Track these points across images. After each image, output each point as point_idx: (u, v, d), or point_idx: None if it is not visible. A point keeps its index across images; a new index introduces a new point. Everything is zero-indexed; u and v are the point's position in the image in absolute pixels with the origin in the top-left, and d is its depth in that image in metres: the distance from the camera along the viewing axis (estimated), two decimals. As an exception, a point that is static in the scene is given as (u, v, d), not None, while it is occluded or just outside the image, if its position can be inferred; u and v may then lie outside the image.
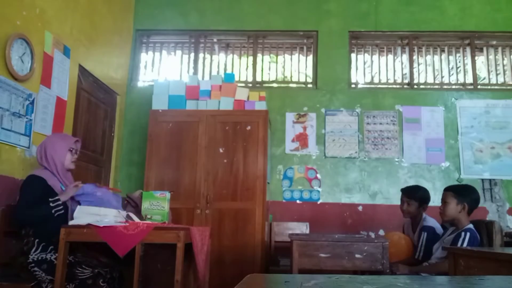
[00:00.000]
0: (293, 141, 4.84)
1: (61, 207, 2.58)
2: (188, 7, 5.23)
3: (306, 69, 5.20)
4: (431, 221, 3.16)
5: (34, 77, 3.23)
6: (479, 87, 5.00)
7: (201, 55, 5.27)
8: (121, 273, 2.66)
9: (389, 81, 5.13)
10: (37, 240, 2.53)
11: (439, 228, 3.15)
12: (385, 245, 2.67)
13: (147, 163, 4.24)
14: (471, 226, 2.73)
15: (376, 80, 5.14)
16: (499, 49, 5.11)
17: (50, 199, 2.57)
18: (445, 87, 5.03)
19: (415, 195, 3.27)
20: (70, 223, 2.51)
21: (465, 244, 2.59)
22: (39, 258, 2.50)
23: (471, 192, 2.85)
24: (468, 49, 5.11)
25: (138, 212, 2.82)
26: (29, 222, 2.56)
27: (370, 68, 5.19)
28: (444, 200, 2.83)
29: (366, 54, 5.20)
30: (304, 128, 4.85)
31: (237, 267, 3.92)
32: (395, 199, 4.67)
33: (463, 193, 2.81)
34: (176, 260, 2.37)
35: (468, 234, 2.63)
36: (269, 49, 5.29)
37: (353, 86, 5.05)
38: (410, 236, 3.31)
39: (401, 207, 3.34)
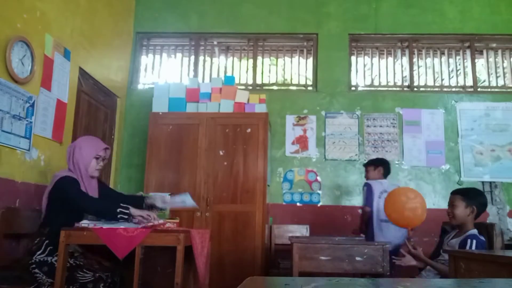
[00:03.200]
0: (293, 143, 4.84)
1: (126, 217, 2.54)
2: (188, 10, 5.24)
3: (306, 72, 5.20)
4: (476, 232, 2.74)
5: (34, 79, 3.23)
6: (479, 89, 5.01)
7: (201, 58, 5.28)
8: (122, 278, 2.65)
9: (389, 84, 5.13)
10: (46, 241, 2.53)
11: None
12: (385, 248, 2.66)
13: (147, 166, 4.24)
14: (475, 231, 2.65)
15: (376, 83, 5.14)
16: (499, 51, 5.12)
17: (121, 204, 2.56)
18: (445, 89, 5.03)
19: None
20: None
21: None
22: (42, 260, 2.50)
23: (479, 195, 2.79)
24: (468, 52, 5.11)
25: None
26: (93, 210, 2.58)
27: (370, 71, 5.19)
28: (452, 203, 2.75)
29: (366, 57, 5.21)
30: (304, 131, 4.86)
31: (237, 269, 3.92)
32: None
33: (471, 196, 2.74)
34: (176, 263, 2.36)
35: (474, 241, 2.55)
36: (269, 51, 5.29)
37: (353, 88, 5.05)
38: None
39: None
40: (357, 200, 4.70)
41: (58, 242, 2.42)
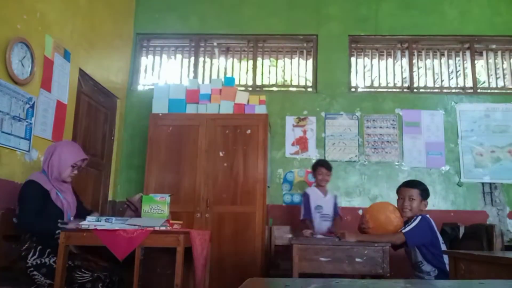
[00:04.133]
0: (293, 144, 4.84)
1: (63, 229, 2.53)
2: (188, 11, 5.24)
3: (306, 73, 5.20)
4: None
5: (34, 80, 3.24)
6: (479, 90, 5.01)
7: (201, 59, 5.28)
8: (120, 277, 2.65)
9: (389, 85, 5.13)
10: (34, 244, 2.53)
11: (436, 231, 3.11)
12: (386, 249, 2.66)
13: (147, 167, 4.24)
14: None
15: (376, 84, 5.15)
16: (499, 53, 5.12)
17: (59, 221, 2.55)
18: (445, 91, 5.03)
19: (418, 188, 3.02)
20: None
21: (413, 224, 2.81)
22: (38, 262, 2.50)
23: (428, 192, 3.07)
24: (467, 53, 5.12)
25: (137, 216, 2.81)
26: (30, 231, 2.55)
27: (370, 72, 5.19)
28: (409, 197, 2.98)
29: (366, 58, 5.21)
30: (304, 132, 4.86)
31: (237, 271, 3.91)
32: (395, 202, 4.65)
33: (427, 193, 3.04)
34: (176, 264, 2.36)
35: (420, 217, 2.87)
36: (269, 53, 5.30)
37: (353, 89, 5.05)
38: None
39: (403, 204, 2.99)
40: (357, 201, 4.70)
41: (45, 241, 2.46)
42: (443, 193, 4.63)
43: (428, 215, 2.98)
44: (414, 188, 3.01)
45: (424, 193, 3.01)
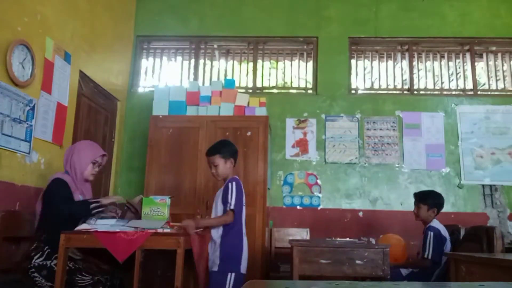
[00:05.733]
0: (293, 146, 4.84)
1: (101, 208, 2.64)
2: (188, 13, 5.25)
3: (306, 75, 5.21)
4: (436, 223, 3.31)
5: (34, 83, 3.24)
6: (479, 92, 5.01)
7: (201, 61, 5.28)
8: (121, 281, 2.64)
9: (389, 87, 5.13)
10: (42, 245, 2.53)
11: (444, 230, 3.19)
12: (386, 251, 2.66)
13: (147, 169, 4.24)
14: (433, 223, 3.28)
15: (376, 86, 5.15)
16: (499, 55, 5.12)
17: (89, 200, 2.66)
18: (445, 92, 5.03)
19: (425, 200, 3.42)
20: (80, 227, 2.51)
21: (431, 245, 3.11)
22: (41, 264, 2.50)
23: (438, 198, 3.44)
24: (468, 55, 5.12)
25: (138, 218, 2.81)
26: (67, 214, 2.57)
27: (370, 74, 5.20)
28: (416, 206, 3.43)
29: (366, 60, 5.21)
30: (304, 134, 4.86)
31: (237, 273, 3.90)
32: (396, 204, 4.67)
33: (432, 200, 3.40)
34: (176, 266, 2.35)
35: (432, 234, 3.15)
36: (269, 55, 5.30)
37: (353, 92, 5.05)
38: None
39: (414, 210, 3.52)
40: (357, 204, 4.70)
41: (55, 246, 2.42)
42: (444, 195, 4.59)
43: (436, 226, 3.25)
44: (414, 197, 3.49)
45: (424, 201, 3.38)
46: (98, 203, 2.63)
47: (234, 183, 2.72)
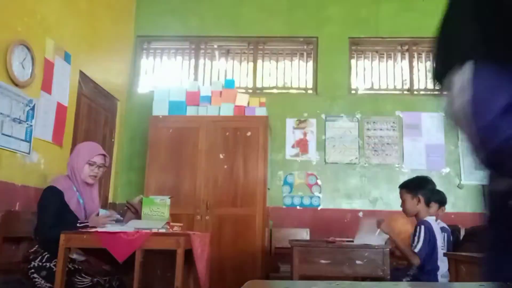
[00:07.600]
0: (293, 147, 4.84)
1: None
2: (188, 14, 5.25)
3: (306, 75, 5.20)
4: (430, 220, 2.92)
5: (34, 83, 3.24)
6: (479, 93, 5.00)
7: (201, 61, 5.28)
8: (121, 281, 2.64)
9: (389, 87, 5.13)
10: (42, 250, 2.52)
11: (437, 231, 3.09)
12: (386, 251, 2.66)
13: (147, 169, 4.24)
14: (427, 218, 2.76)
15: (376, 86, 5.14)
16: (499, 55, 5.11)
17: (78, 223, 2.52)
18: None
19: (406, 186, 2.91)
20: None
21: (421, 238, 2.63)
22: (40, 265, 2.49)
23: (423, 183, 2.84)
24: (468, 55, 5.11)
25: (138, 218, 2.81)
26: (46, 241, 2.49)
27: (370, 74, 5.19)
28: (401, 199, 2.86)
29: (366, 60, 5.21)
30: (304, 134, 4.86)
31: (237, 273, 3.91)
32: (396, 205, 4.64)
33: (414, 186, 2.82)
34: (176, 267, 2.35)
35: (422, 227, 2.68)
36: (269, 55, 5.30)
37: (353, 92, 5.05)
38: None
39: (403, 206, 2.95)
40: (357, 204, 4.69)
41: (54, 249, 2.40)
42: (444, 195, 4.62)
43: (430, 221, 2.81)
44: (401, 188, 2.90)
45: (410, 190, 2.81)
46: (86, 227, 2.52)
47: (422, 228, 2.67)
